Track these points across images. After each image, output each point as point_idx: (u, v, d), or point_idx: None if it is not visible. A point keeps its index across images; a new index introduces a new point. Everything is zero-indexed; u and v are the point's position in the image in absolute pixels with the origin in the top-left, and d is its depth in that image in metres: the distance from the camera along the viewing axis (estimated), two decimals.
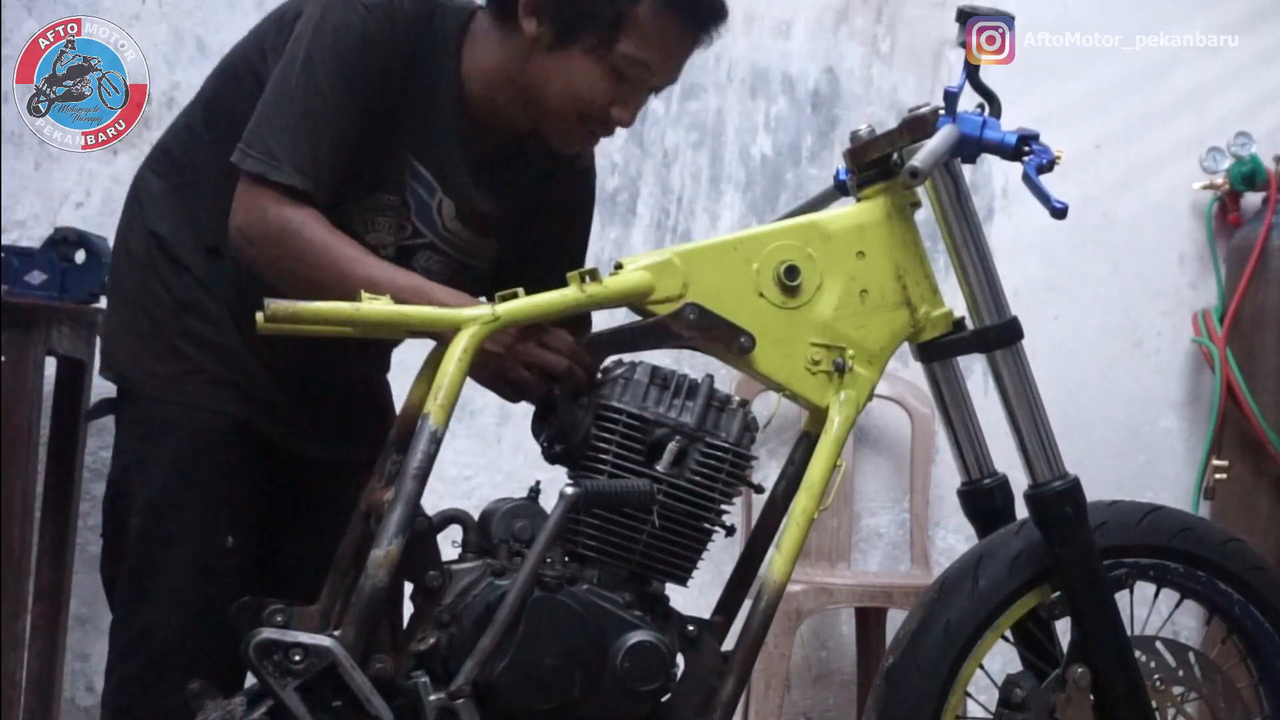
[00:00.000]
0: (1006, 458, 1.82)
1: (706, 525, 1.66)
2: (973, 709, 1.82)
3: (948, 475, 3.09)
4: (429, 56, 1.73)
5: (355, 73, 1.67)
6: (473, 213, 1.82)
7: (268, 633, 1.50)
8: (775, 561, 1.66)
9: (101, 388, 2.74)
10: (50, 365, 2.52)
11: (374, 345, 1.90)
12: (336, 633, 1.51)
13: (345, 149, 1.68)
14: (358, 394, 1.94)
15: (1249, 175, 3.31)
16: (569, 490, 1.56)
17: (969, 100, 1.80)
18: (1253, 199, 3.37)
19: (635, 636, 1.59)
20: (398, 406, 1.73)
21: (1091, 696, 1.73)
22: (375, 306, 1.57)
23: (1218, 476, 3.28)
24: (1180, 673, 1.80)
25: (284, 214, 1.63)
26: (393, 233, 1.79)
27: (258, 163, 1.64)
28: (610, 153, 3.11)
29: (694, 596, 1.80)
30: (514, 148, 1.84)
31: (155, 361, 1.76)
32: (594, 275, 1.63)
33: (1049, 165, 1.73)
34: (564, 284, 1.62)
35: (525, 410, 1.75)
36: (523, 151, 1.85)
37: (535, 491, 1.67)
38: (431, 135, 1.75)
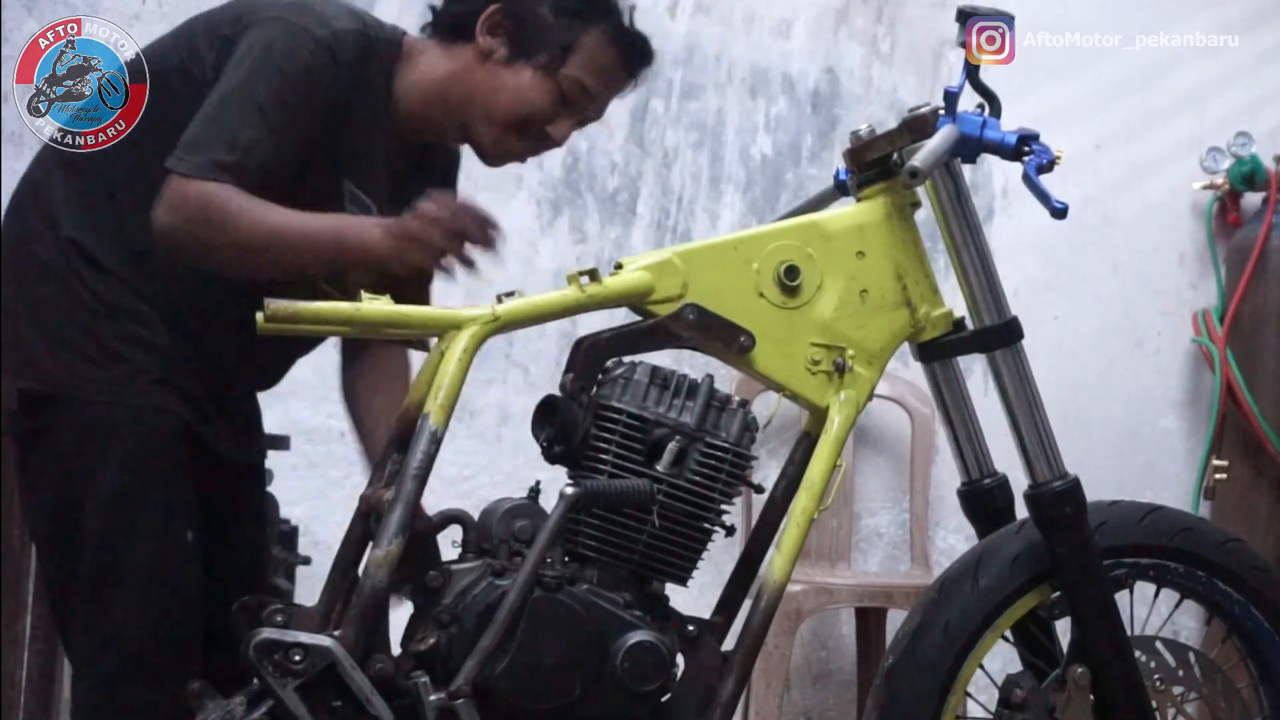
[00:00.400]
0: (1006, 458, 1.82)
1: (706, 525, 1.66)
2: (973, 709, 1.82)
3: (948, 475, 3.08)
4: (366, 86, 1.79)
5: (298, 101, 1.70)
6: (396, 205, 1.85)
7: (268, 633, 1.50)
8: (775, 561, 1.66)
9: None
10: None
11: (294, 351, 1.95)
12: (336, 633, 1.52)
13: (274, 163, 1.69)
14: (254, 399, 2.00)
15: (1249, 175, 3.31)
16: (569, 490, 1.56)
17: (969, 100, 1.80)
18: (1253, 199, 3.37)
19: (635, 636, 1.59)
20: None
21: (1091, 696, 1.73)
22: (375, 306, 1.57)
23: (1218, 476, 3.28)
24: (1180, 673, 1.80)
25: (204, 190, 1.64)
26: None
27: (183, 162, 1.65)
28: (610, 152, 3.12)
29: (694, 596, 1.80)
30: (420, 159, 1.92)
31: (92, 367, 1.72)
32: (594, 275, 1.63)
33: (1049, 165, 1.73)
34: None
35: (525, 410, 1.75)
36: (425, 162, 1.94)
37: (535, 491, 1.67)
38: (365, 159, 1.82)
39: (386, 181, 1.86)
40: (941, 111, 1.75)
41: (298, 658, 1.49)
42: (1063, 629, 1.76)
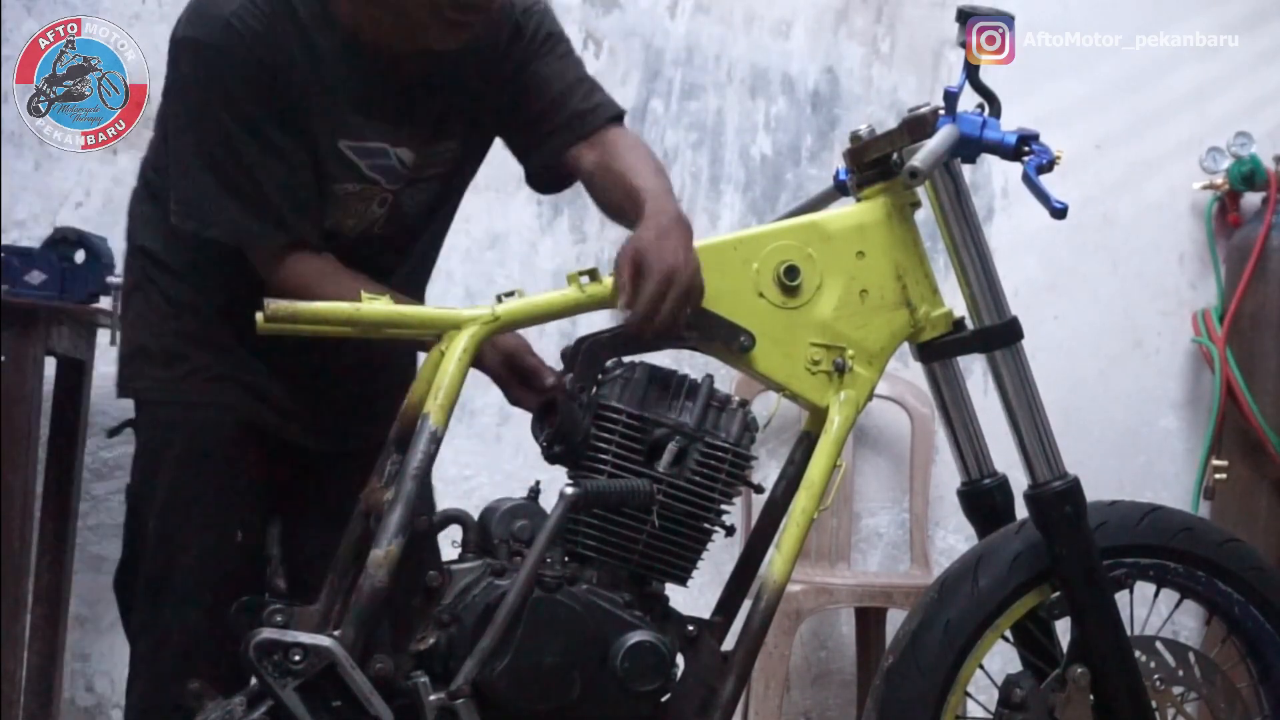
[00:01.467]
0: (1006, 458, 1.82)
1: (706, 525, 1.66)
2: (973, 709, 1.82)
3: (948, 475, 3.08)
4: (305, 33, 1.69)
5: (240, 111, 1.66)
6: (419, 137, 1.79)
7: (268, 633, 1.50)
8: (775, 561, 1.66)
9: (104, 389, 2.75)
10: (50, 365, 2.52)
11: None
12: (336, 633, 1.51)
13: (287, 173, 1.69)
14: (363, 382, 1.90)
15: (1249, 175, 3.31)
16: (569, 490, 1.56)
17: (969, 100, 1.79)
18: (1253, 199, 3.37)
19: (635, 636, 1.59)
20: None
21: (1091, 696, 1.73)
22: (375, 306, 1.57)
23: (1218, 476, 3.27)
24: (1180, 673, 1.80)
25: (277, 278, 1.69)
26: (359, 213, 1.78)
27: (248, 234, 1.70)
28: None
29: (694, 596, 1.80)
30: (407, 69, 1.77)
31: (157, 368, 1.78)
32: (594, 275, 1.63)
33: (1049, 165, 1.73)
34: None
35: (525, 410, 1.75)
36: (415, 69, 1.78)
37: (535, 491, 1.67)
38: (346, 109, 1.72)
39: (389, 109, 1.75)
40: (941, 111, 1.75)
41: (298, 658, 1.49)
42: (1063, 629, 1.76)
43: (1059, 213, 1.69)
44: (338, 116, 1.72)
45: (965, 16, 1.80)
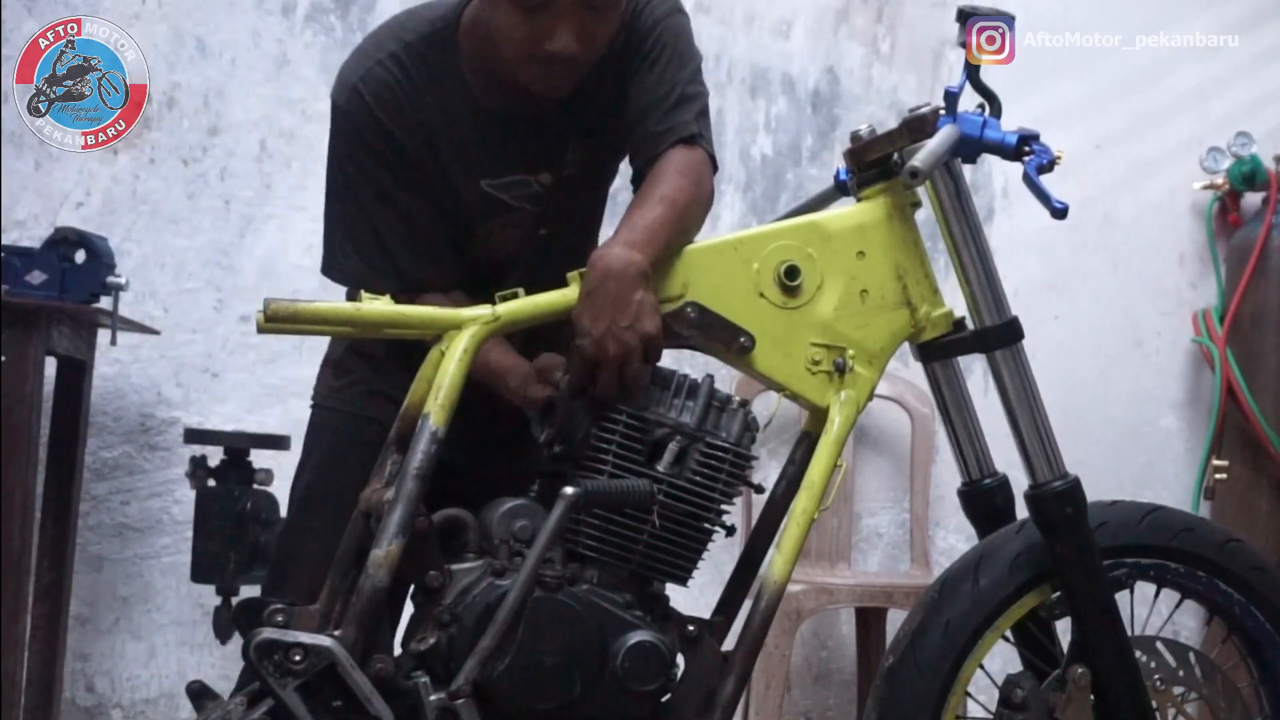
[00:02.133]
0: (1006, 458, 1.82)
1: (707, 525, 1.66)
2: (973, 709, 1.82)
3: (948, 475, 3.09)
4: (434, 85, 1.78)
5: (362, 167, 1.77)
6: (554, 158, 1.85)
7: (268, 633, 1.50)
8: (775, 561, 1.66)
9: (104, 389, 2.75)
10: (50, 365, 2.52)
11: None
12: (336, 633, 1.51)
13: (406, 225, 1.79)
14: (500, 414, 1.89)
15: (1249, 175, 3.31)
16: (569, 490, 1.56)
17: (969, 100, 1.80)
18: (1253, 199, 3.37)
19: (635, 636, 1.59)
20: None
21: (1091, 696, 1.73)
22: (375, 307, 1.57)
23: (1218, 476, 3.28)
24: (1180, 673, 1.80)
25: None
26: (514, 238, 1.87)
27: (342, 279, 1.85)
28: None
29: (694, 596, 1.80)
30: (535, 105, 1.80)
31: (331, 378, 1.94)
32: None
33: (1049, 165, 1.73)
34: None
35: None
36: (543, 104, 1.82)
37: (535, 491, 1.67)
38: (482, 151, 1.80)
39: (518, 143, 1.81)
40: (941, 111, 1.75)
41: (298, 658, 1.48)
42: (1063, 629, 1.76)
43: (1059, 213, 1.69)
44: (474, 162, 1.81)
45: (965, 16, 1.80)
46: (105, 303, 2.47)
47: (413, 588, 1.61)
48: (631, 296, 1.57)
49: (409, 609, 1.65)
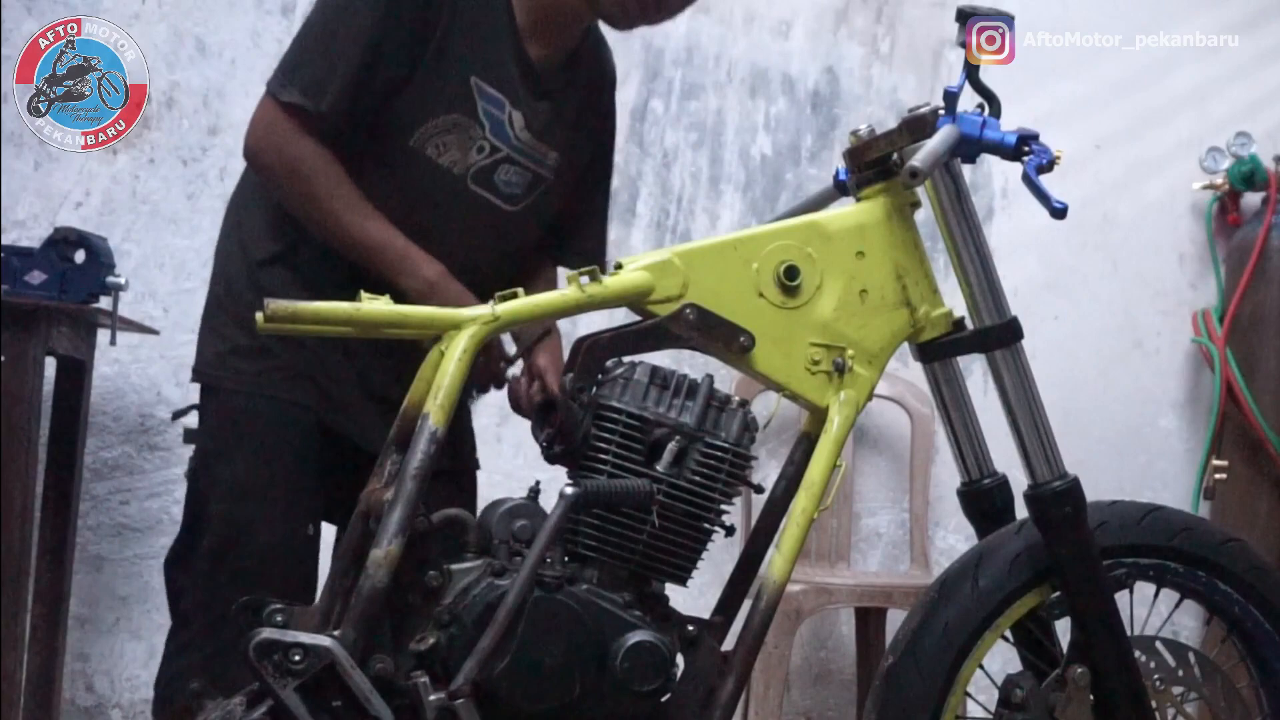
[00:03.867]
0: (1006, 458, 1.81)
1: (706, 525, 1.66)
2: (973, 709, 1.82)
3: (948, 475, 3.09)
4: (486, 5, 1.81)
5: (392, 7, 1.76)
6: (537, 122, 1.91)
7: (267, 632, 1.50)
8: (775, 561, 1.66)
9: (104, 389, 2.75)
10: (50, 365, 2.52)
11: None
12: (336, 633, 1.51)
13: (370, 79, 1.77)
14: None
15: (1249, 175, 3.31)
16: (569, 490, 1.56)
17: (969, 100, 1.79)
18: (1253, 199, 3.37)
19: (635, 636, 1.59)
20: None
21: (1091, 696, 1.73)
22: (375, 306, 1.57)
23: (1218, 476, 3.28)
24: (1180, 673, 1.80)
25: (294, 153, 1.76)
26: (465, 151, 1.87)
27: (274, 80, 1.78)
28: None
29: (694, 596, 1.80)
30: (563, 61, 1.93)
31: (244, 361, 1.87)
32: (594, 275, 1.63)
33: (1049, 165, 1.73)
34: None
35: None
36: (571, 66, 1.95)
37: (535, 491, 1.67)
38: (489, 54, 1.83)
39: (525, 77, 1.87)
40: (941, 111, 1.75)
41: (297, 658, 1.48)
42: (1063, 629, 1.76)
43: (1059, 213, 1.69)
44: (482, 55, 1.83)
45: (965, 16, 1.80)
46: (105, 303, 2.47)
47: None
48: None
49: None
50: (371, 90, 1.79)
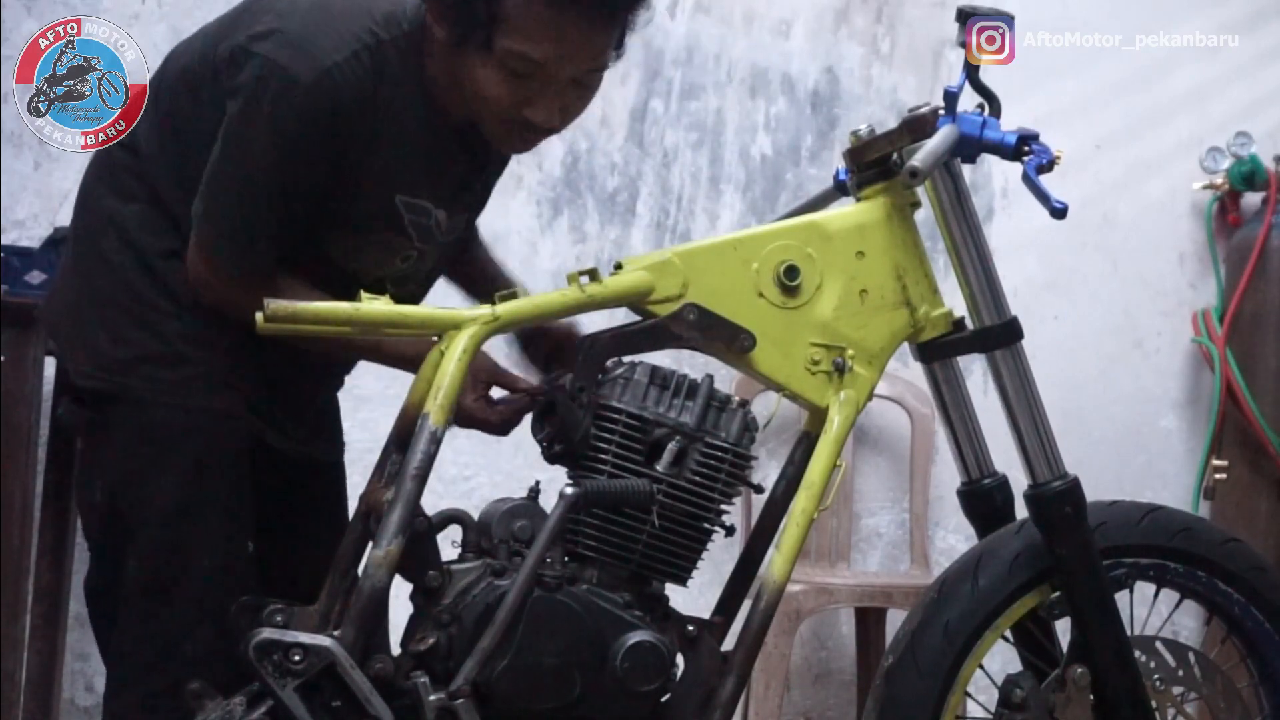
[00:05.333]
0: (1006, 458, 1.82)
1: (706, 525, 1.66)
2: (973, 709, 1.82)
3: (948, 475, 3.08)
4: (390, 92, 1.67)
5: (294, 153, 1.63)
6: (457, 207, 1.84)
7: (267, 633, 1.50)
8: (775, 561, 1.66)
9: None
10: (50, 365, 2.51)
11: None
12: (336, 633, 1.51)
13: (292, 211, 1.67)
14: (332, 395, 1.97)
15: (1249, 175, 3.31)
16: (569, 490, 1.56)
17: (969, 100, 1.80)
18: (1253, 199, 3.37)
19: (635, 636, 1.59)
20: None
21: (1091, 696, 1.73)
22: (374, 307, 1.57)
23: (1218, 476, 3.28)
24: (1180, 673, 1.80)
25: (235, 299, 1.66)
26: (390, 257, 1.77)
27: (205, 242, 1.66)
28: (610, 152, 3.12)
29: (694, 596, 1.80)
30: (473, 139, 1.78)
31: (158, 368, 1.70)
32: (594, 275, 1.63)
33: (1049, 165, 1.73)
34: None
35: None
36: (480, 141, 1.79)
37: (535, 491, 1.67)
38: (412, 167, 1.72)
39: (446, 175, 1.77)
40: (941, 111, 1.75)
41: (297, 658, 1.48)
42: (1063, 629, 1.76)
43: (1059, 213, 1.69)
44: (402, 172, 1.71)
45: (965, 16, 1.80)
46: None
47: (410, 588, 1.61)
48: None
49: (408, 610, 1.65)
50: (296, 218, 1.68)
